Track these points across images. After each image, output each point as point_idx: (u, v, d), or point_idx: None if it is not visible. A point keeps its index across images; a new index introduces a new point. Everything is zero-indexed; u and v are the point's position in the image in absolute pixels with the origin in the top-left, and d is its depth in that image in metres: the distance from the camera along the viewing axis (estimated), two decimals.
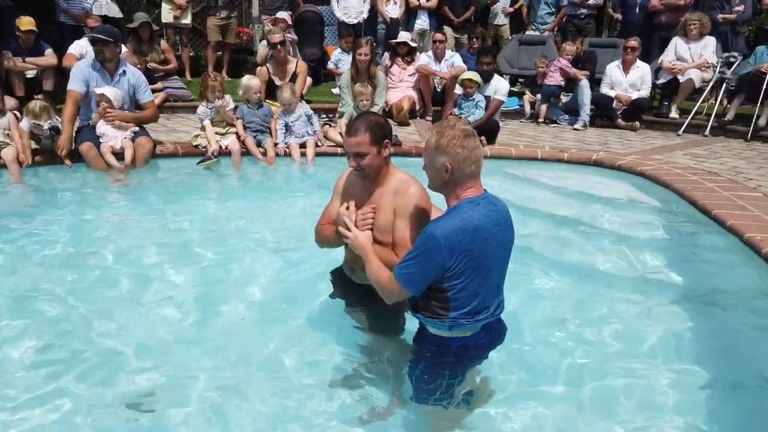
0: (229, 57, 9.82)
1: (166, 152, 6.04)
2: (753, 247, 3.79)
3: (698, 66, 7.91)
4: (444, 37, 8.32)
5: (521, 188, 5.56)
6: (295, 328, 3.09)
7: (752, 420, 2.50)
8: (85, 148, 5.47)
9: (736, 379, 2.78)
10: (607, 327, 3.15)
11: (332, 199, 2.67)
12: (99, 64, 5.58)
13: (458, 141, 2.04)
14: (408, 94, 8.03)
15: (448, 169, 2.06)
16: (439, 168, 2.07)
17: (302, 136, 6.22)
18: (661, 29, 8.89)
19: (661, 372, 2.79)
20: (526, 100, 8.51)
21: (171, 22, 9.30)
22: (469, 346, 2.18)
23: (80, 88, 5.53)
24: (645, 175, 5.58)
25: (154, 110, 6.08)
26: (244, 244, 4.11)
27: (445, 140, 2.05)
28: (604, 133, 7.64)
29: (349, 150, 2.43)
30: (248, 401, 2.54)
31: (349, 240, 2.34)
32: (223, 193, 5.41)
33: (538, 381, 2.70)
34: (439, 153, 2.06)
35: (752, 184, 5.21)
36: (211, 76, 6.14)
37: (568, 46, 8.23)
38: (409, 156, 6.11)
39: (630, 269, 3.87)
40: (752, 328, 3.21)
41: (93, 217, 4.55)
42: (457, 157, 2.04)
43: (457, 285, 2.06)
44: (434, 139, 2.09)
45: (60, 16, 8.13)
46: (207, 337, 3.01)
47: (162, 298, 3.36)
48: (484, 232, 2.04)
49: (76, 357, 2.79)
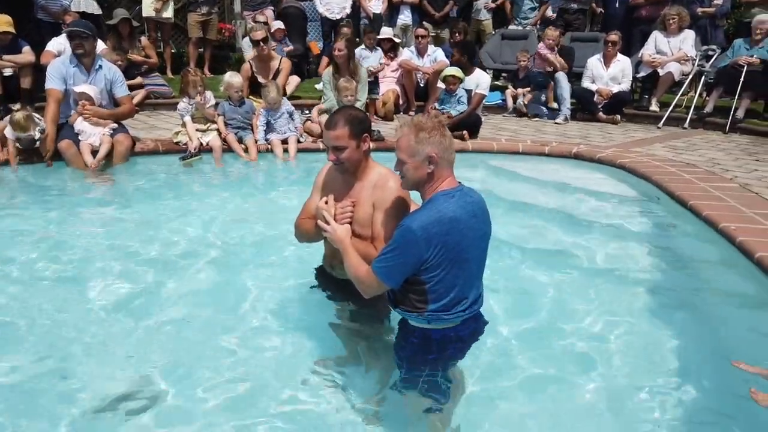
0: (211, 53, 9.77)
1: (147, 150, 6.00)
2: (727, 237, 3.85)
3: (678, 59, 8.00)
4: (426, 32, 8.35)
5: (503, 181, 5.60)
6: (276, 323, 3.09)
7: (724, 404, 2.55)
8: (64, 145, 5.42)
9: (712, 364, 2.83)
10: (587, 317, 3.19)
11: (312, 194, 2.68)
12: (75, 60, 5.53)
13: (439, 130, 2.09)
14: (392, 88, 8.04)
15: (433, 159, 2.07)
16: (423, 160, 2.08)
17: (284, 133, 6.21)
18: (642, 23, 8.98)
19: (638, 359, 2.84)
20: (509, 94, 8.55)
21: (152, 16, 9.21)
22: (450, 338, 2.20)
23: (59, 87, 5.48)
24: (624, 167, 5.65)
25: (130, 105, 6.06)
26: (226, 240, 4.10)
27: (425, 132, 2.08)
28: (585, 127, 7.70)
29: (328, 143, 2.44)
30: (224, 398, 2.54)
31: (328, 234, 2.36)
32: (205, 190, 5.38)
33: (518, 374, 2.73)
34: (423, 144, 2.08)
35: (729, 175, 5.29)
36: (192, 72, 6.12)
37: (550, 31, 8.23)
38: (393, 151, 6.12)
39: (608, 260, 3.92)
40: (726, 312, 3.28)
41: (72, 215, 4.52)
42: (440, 145, 2.08)
43: (435, 277, 2.08)
44: (413, 133, 2.09)
45: (38, 13, 8.02)
46: (187, 334, 3.00)
47: (141, 295, 3.35)
48: (460, 223, 2.06)
49: (45, 360, 2.77)
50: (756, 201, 4.52)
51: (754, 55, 7.30)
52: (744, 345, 2.97)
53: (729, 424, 2.42)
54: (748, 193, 4.74)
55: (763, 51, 7.34)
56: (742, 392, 1.96)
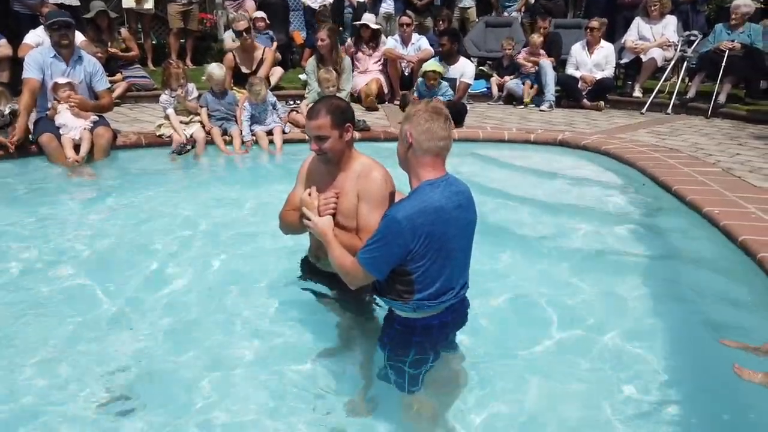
0: (193, 44, 9.64)
1: (129, 143, 5.92)
2: (711, 221, 3.89)
3: (660, 45, 8.04)
4: (410, 21, 8.29)
5: (489, 170, 5.61)
6: (262, 315, 3.08)
7: (708, 380, 2.59)
8: (45, 139, 5.32)
9: (701, 344, 2.87)
10: (573, 304, 3.21)
11: (296, 186, 2.66)
12: (54, 52, 5.43)
13: (425, 114, 2.07)
14: (375, 78, 7.99)
15: (408, 140, 2.07)
16: (403, 137, 2.11)
17: (268, 124, 6.16)
18: (625, 9, 9.01)
19: (624, 344, 2.86)
20: (494, 82, 8.54)
21: (132, 7, 9.07)
22: (433, 326, 2.20)
23: (37, 76, 5.37)
24: (609, 153, 5.68)
25: (110, 99, 5.99)
26: (211, 233, 4.07)
27: (413, 110, 2.11)
28: (570, 114, 7.73)
29: (310, 133, 2.41)
30: (210, 390, 2.53)
31: (310, 226, 2.34)
32: (190, 184, 5.33)
33: (505, 361, 2.74)
34: (405, 121, 2.11)
35: (711, 160, 5.34)
36: (174, 64, 6.05)
37: (536, 37, 8.25)
38: (378, 141, 6.12)
39: (594, 246, 3.95)
40: (709, 294, 3.32)
41: (54, 211, 4.44)
42: (417, 128, 2.06)
43: (421, 267, 2.07)
44: (407, 109, 2.15)
45: (14, 5, 7.86)
46: (171, 327, 2.98)
47: (125, 290, 3.31)
48: (445, 213, 2.05)
49: (40, 351, 2.74)
50: (739, 185, 4.57)
51: (735, 39, 7.35)
52: (732, 325, 3.01)
53: (711, 399, 2.47)
54: (730, 177, 4.79)
55: (744, 36, 7.40)
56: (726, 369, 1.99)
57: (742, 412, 2.38)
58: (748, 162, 5.29)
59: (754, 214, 3.90)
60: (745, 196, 4.25)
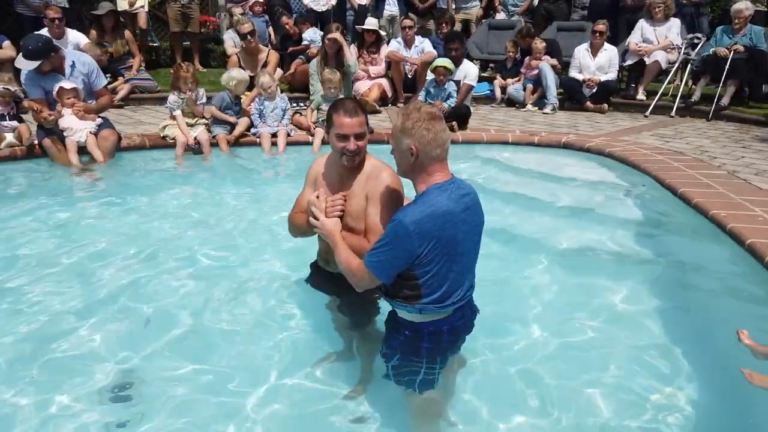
0: (200, 47, 9.60)
1: (134, 145, 5.92)
2: (718, 224, 3.88)
3: (664, 47, 8.03)
4: (413, 23, 8.29)
5: (493, 172, 5.60)
6: (270, 318, 3.07)
7: (718, 385, 2.58)
8: (48, 142, 5.37)
9: (703, 350, 2.86)
10: (578, 305, 3.20)
11: (305, 188, 2.65)
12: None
13: (423, 123, 2.02)
14: (377, 82, 7.98)
15: (413, 152, 2.03)
16: (404, 151, 2.06)
17: (275, 127, 6.15)
18: (628, 12, 8.99)
19: (630, 347, 2.85)
20: (497, 84, 8.54)
21: (126, 9, 9.01)
22: (442, 330, 2.17)
23: (40, 95, 5.43)
24: (613, 156, 5.67)
25: (109, 96, 6.10)
26: (217, 235, 4.06)
27: (410, 122, 2.03)
28: (573, 116, 7.72)
29: (350, 132, 2.32)
30: (215, 390, 2.53)
31: (317, 228, 2.33)
32: (195, 185, 5.32)
33: (512, 364, 2.73)
34: (405, 135, 2.04)
35: (716, 163, 5.32)
36: (183, 67, 6.03)
37: (539, 43, 8.22)
38: (382, 143, 6.10)
39: (600, 248, 3.93)
40: (717, 298, 3.30)
41: (58, 212, 4.44)
42: (422, 139, 2.02)
43: (428, 272, 2.05)
44: (400, 121, 2.07)
45: (17, 6, 7.87)
46: (176, 328, 2.97)
47: (130, 291, 3.30)
48: (454, 217, 2.03)
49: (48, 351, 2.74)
50: (744, 187, 4.56)
51: (737, 42, 7.34)
52: (738, 327, 2.97)
53: (718, 401, 2.46)
54: (736, 180, 4.78)
55: (746, 39, 7.39)
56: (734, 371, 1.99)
57: (748, 414, 2.37)
58: (753, 165, 5.28)
59: (761, 217, 3.88)
60: (751, 198, 4.24)
